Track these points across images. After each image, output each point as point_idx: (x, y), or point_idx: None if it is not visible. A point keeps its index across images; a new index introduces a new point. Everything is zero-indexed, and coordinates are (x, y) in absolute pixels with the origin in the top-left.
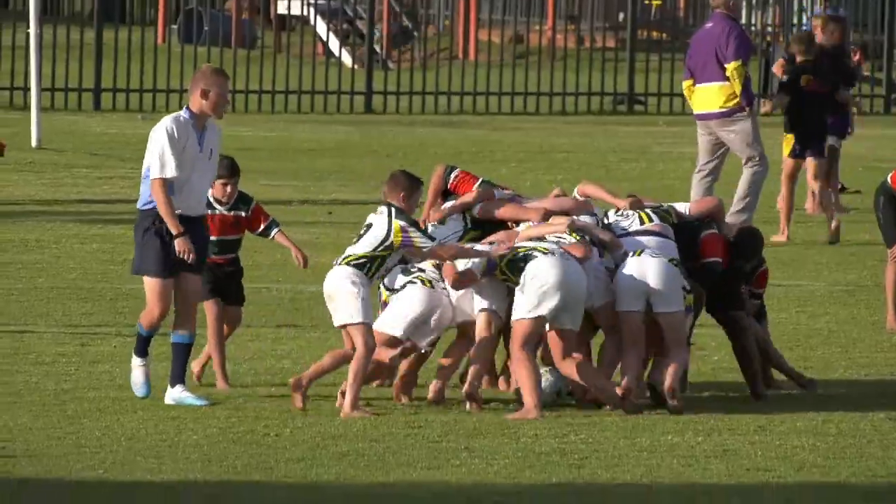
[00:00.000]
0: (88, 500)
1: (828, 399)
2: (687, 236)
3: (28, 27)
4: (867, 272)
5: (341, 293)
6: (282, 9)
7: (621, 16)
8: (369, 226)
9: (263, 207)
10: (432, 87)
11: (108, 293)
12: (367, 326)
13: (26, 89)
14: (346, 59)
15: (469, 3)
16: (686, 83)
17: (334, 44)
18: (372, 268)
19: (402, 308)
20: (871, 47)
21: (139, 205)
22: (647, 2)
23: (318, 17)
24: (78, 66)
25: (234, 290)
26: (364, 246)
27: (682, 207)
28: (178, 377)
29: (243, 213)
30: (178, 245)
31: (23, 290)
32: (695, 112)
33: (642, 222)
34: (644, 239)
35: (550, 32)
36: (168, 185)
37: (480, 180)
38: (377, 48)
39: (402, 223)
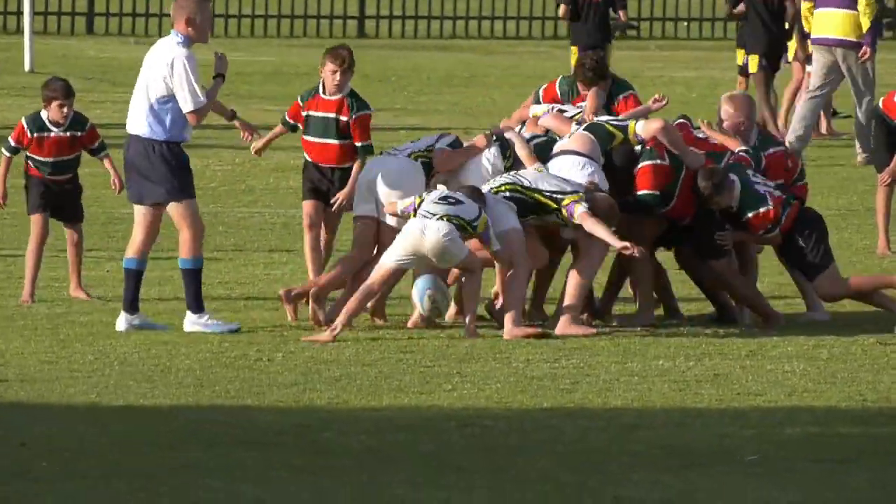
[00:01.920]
0: (81, 423)
1: (819, 324)
2: (624, 162)
3: None
4: (857, 197)
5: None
6: None
7: None
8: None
9: (97, 129)
10: (425, 12)
11: (101, 217)
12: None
13: (19, 13)
14: None
15: None
16: (806, 4)
17: None
18: None
19: None
20: None
21: (163, 137)
22: None
23: None
24: None
25: (72, 207)
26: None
27: (639, 128)
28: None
29: (79, 133)
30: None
31: (16, 215)
32: (813, 35)
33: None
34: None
35: None
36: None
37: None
38: None
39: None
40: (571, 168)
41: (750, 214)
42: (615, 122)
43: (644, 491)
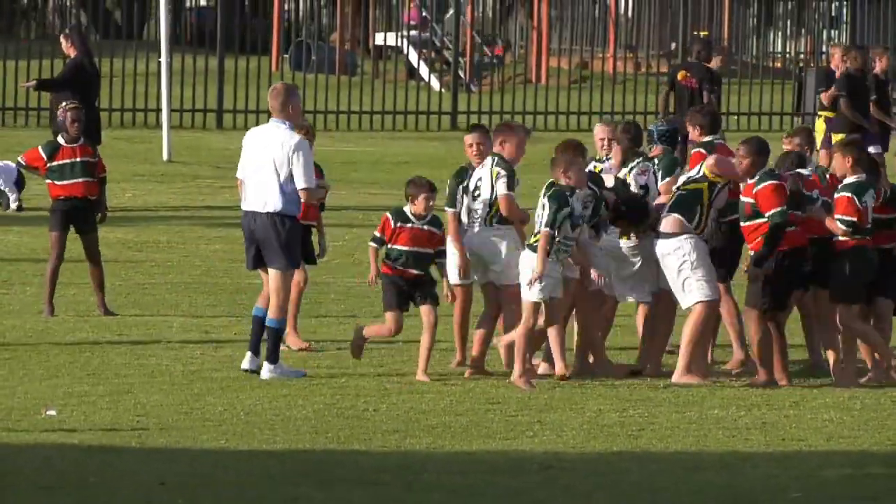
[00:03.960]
0: (211, 465)
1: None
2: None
3: (160, 56)
4: None
5: None
6: (379, 40)
7: (673, 45)
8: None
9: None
10: (509, 108)
11: (230, 287)
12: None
13: (158, 110)
14: (435, 83)
15: (541, 34)
16: None
17: (424, 70)
18: None
19: None
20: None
21: (286, 211)
22: (695, 32)
23: (411, 47)
24: (203, 90)
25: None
26: None
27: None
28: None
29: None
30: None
31: (155, 285)
32: None
33: None
34: None
35: (612, 59)
36: None
37: None
38: (461, 74)
39: None
40: None
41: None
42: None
43: None
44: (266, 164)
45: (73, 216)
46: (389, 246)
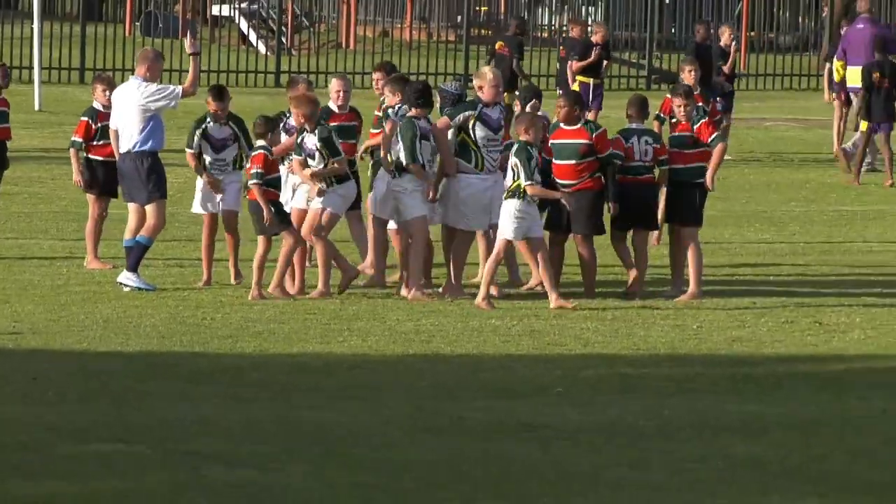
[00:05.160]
0: (77, 364)
1: (601, 286)
2: None
3: (32, 23)
4: None
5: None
6: (215, 11)
7: (459, 17)
8: None
9: None
10: (323, 69)
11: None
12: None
13: (31, 67)
14: (262, 48)
15: (350, 6)
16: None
17: (253, 37)
18: None
19: None
20: None
21: (147, 148)
22: (476, 8)
23: (241, 18)
24: (69, 51)
25: None
26: None
27: None
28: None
29: None
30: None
31: (29, 213)
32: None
33: None
34: None
35: (409, 29)
36: None
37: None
38: (283, 40)
39: None
40: None
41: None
42: None
43: (481, 413)
44: (128, 112)
45: None
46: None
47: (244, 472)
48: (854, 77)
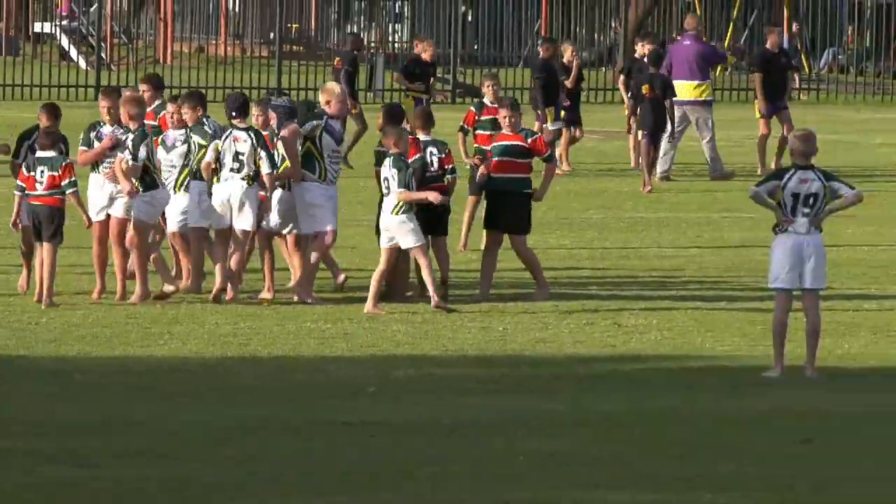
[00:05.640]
0: None
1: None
2: None
3: None
4: None
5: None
6: (37, 28)
7: (271, 34)
8: None
9: None
10: None
11: None
12: None
13: None
14: (82, 63)
15: (167, 24)
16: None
17: (73, 52)
18: None
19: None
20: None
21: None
22: (288, 25)
23: (63, 34)
24: None
25: None
26: None
27: None
28: None
29: None
30: None
31: None
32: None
33: None
34: None
35: (224, 45)
36: None
37: None
38: (103, 56)
39: None
40: None
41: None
42: None
43: (295, 413)
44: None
45: None
46: None
47: (70, 470)
48: (678, 91)
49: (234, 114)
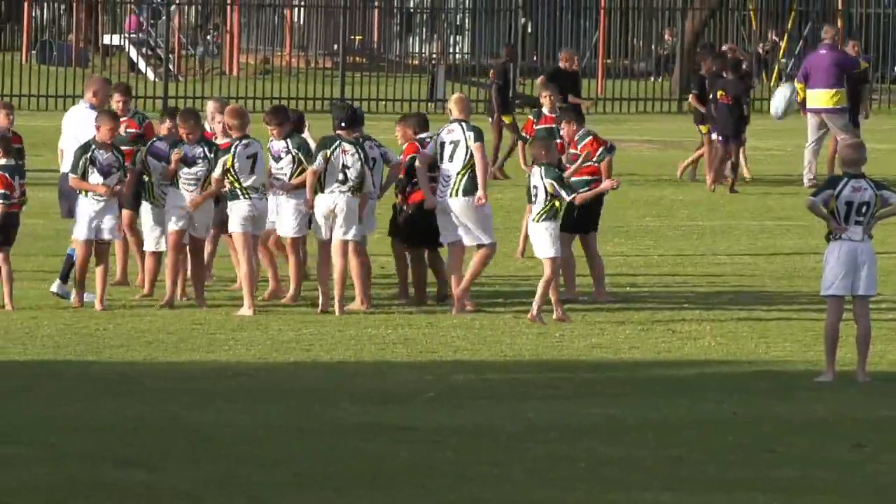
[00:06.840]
0: None
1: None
2: None
3: None
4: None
5: None
6: (106, 40)
7: (335, 46)
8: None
9: None
10: (208, 94)
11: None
12: None
13: None
14: (150, 74)
15: (233, 36)
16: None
17: (142, 64)
18: None
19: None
20: None
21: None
22: (351, 37)
23: (131, 46)
24: None
25: None
26: None
27: None
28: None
29: None
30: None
31: None
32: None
33: None
34: None
35: (288, 56)
36: None
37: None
38: (171, 67)
39: None
40: None
41: None
42: None
43: (355, 416)
44: (70, 135)
45: None
46: None
47: (131, 471)
48: (814, 99)
49: (342, 125)
